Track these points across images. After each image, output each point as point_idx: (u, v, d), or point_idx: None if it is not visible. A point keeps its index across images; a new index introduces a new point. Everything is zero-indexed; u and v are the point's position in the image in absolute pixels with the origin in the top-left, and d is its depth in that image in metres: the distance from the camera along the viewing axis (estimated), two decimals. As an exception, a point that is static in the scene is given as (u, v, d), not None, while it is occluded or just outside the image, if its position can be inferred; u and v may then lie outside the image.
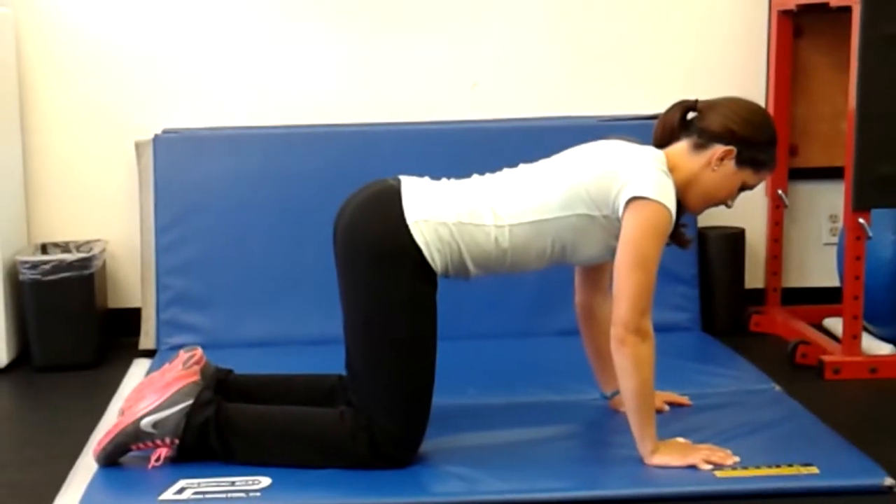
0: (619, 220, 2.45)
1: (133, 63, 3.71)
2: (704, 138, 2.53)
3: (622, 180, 2.44)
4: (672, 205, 2.43)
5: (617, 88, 3.81)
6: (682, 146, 2.56)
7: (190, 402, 2.47)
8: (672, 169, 2.50)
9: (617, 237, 2.47)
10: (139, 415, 2.47)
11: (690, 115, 2.57)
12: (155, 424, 2.46)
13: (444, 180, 2.60)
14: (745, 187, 2.57)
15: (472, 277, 2.55)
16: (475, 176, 2.60)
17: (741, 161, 2.52)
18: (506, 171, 2.60)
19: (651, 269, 2.41)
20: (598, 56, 3.81)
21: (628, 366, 2.42)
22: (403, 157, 3.54)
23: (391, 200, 2.47)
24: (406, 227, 2.43)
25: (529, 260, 2.53)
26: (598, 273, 2.74)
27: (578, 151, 2.58)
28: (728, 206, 2.61)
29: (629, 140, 2.60)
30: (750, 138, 2.51)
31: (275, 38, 3.74)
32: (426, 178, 2.58)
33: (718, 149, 2.51)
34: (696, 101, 2.58)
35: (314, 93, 3.76)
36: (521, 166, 2.61)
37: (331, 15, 3.74)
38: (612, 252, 2.50)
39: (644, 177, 2.43)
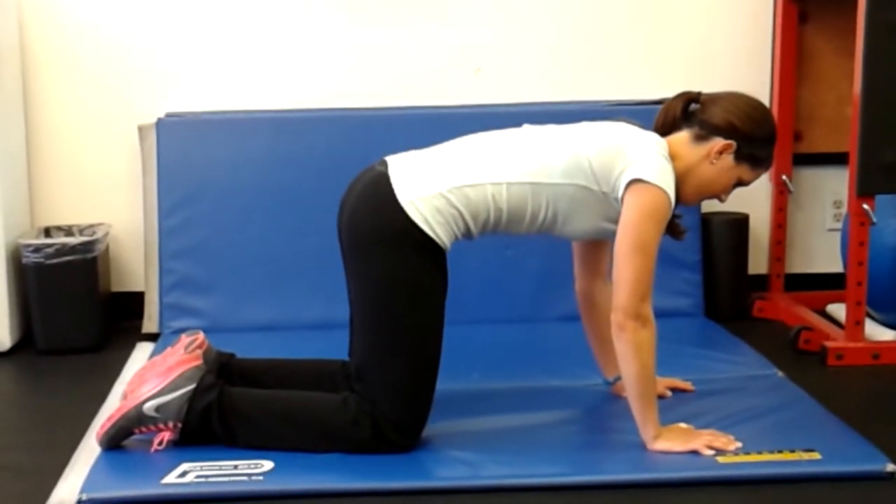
0: (616, 200, 2.45)
1: (136, 46, 3.70)
2: (705, 130, 2.52)
3: (627, 160, 2.44)
4: (672, 191, 2.43)
5: (622, 73, 3.80)
6: (682, 136, 2.55)
7: (192, 386, 2.48)
8: (672, 158, 2.50)
9: (610, 218, 2.47)
10: (142, 399, 2.47)
11: (693, 106, 2.57)
12: (158, 408, 2.46)
13: (432, 148, 2.57)
14: (740, 183, 2.57)
15: (476, 237, 2.54)
16: (469, 136, 2.58)
17: (740, 156, 2.52)
18: (509, 130, 2.58)
19: (650, 254, 2.41)
20: (603, 41, 3.80)
21: (629, 351, 2.42)
22: (407, 142, 3.49)
23: (382, 187, 2.46)
24: (401, 210, 2.43)
25: (523, 221, 2.51)
26: (598, 259, 2.74)
27: (586, 124, 2.57)
28: (721, 201, 2.61)
29: (635, 123, 2.59)
30: (750, 134, 2.51)
31: (279, 22, 3.73)
32: (412, 152, 2.56)
33: (718, 142, 2.51)
34: (700, 93, 2.58)
35: (318, 77, 3.76)
36: (526, 126, 2.59)
37: (334, -1, 3.74)
38: (602, 232, 2.51)
39: (648, 160, 2.43)
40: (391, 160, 2.54)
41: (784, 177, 3.75)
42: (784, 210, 3.82)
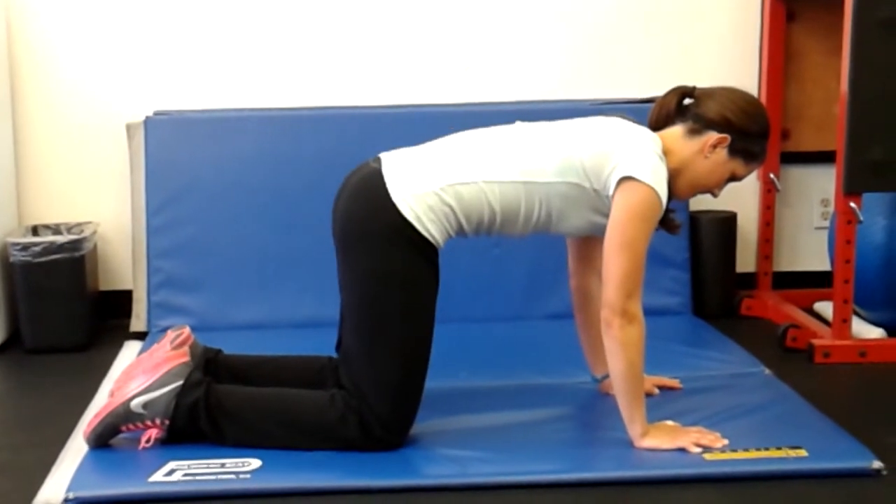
0: (608, 198, 2.46)
1: (124, 44, 3.70)
2: (700, 124, 2.53)
3: (618, 158, 2.44)
4: (663, 190, 2.43)
5: (611, 72, 3.81)
6: (676, 131, 2.56)
7: (180, 382, 2.47)
8: (665, 153, 2.50)
9: (603, 214, 2.47)
10: (129, 395, 2.47)
11: (687, 100, 2.58)
12: (145, 405, 2.46)
13: (427, 144, 2.57)
14: (733, 178, 2.58)
15: (469, 236, 2.54)
16: (463, 132, 2.58)
17: (734, 150, 2.52)
18: (502, 127, 2.58)
19: (639, 252, 2.41)
20: (592, 39, 3.81)
21: (616, 348, 2.42)
22: (396, 140, 3.48)
23: (375, 183, 2.46)
24: (394, 206, 2.43)
25: (517, 222, 2.51)
26: (592, 254, 2.74)
27: (579, 122, 2.58)
28: (714, 196, 2.62)
29: (630, 119, 2.59)
30: (744, 128, 2.51)
31: (267, 21, 3.73)
32: (406, 149, 2.56)
33: (712, 136, 2.51)
34: (694, 87, 2.59)
35: (306, 75, 3.75)
36: (519, 123, 2.59)
37: (323, -3, 3.74)
38: (597, 227, 2.51)
39: (639, 158, 2.43)
40: (385, 157, 2.54)
41: (772, 175, 3.76)
42: (772, 208, 3.83)
